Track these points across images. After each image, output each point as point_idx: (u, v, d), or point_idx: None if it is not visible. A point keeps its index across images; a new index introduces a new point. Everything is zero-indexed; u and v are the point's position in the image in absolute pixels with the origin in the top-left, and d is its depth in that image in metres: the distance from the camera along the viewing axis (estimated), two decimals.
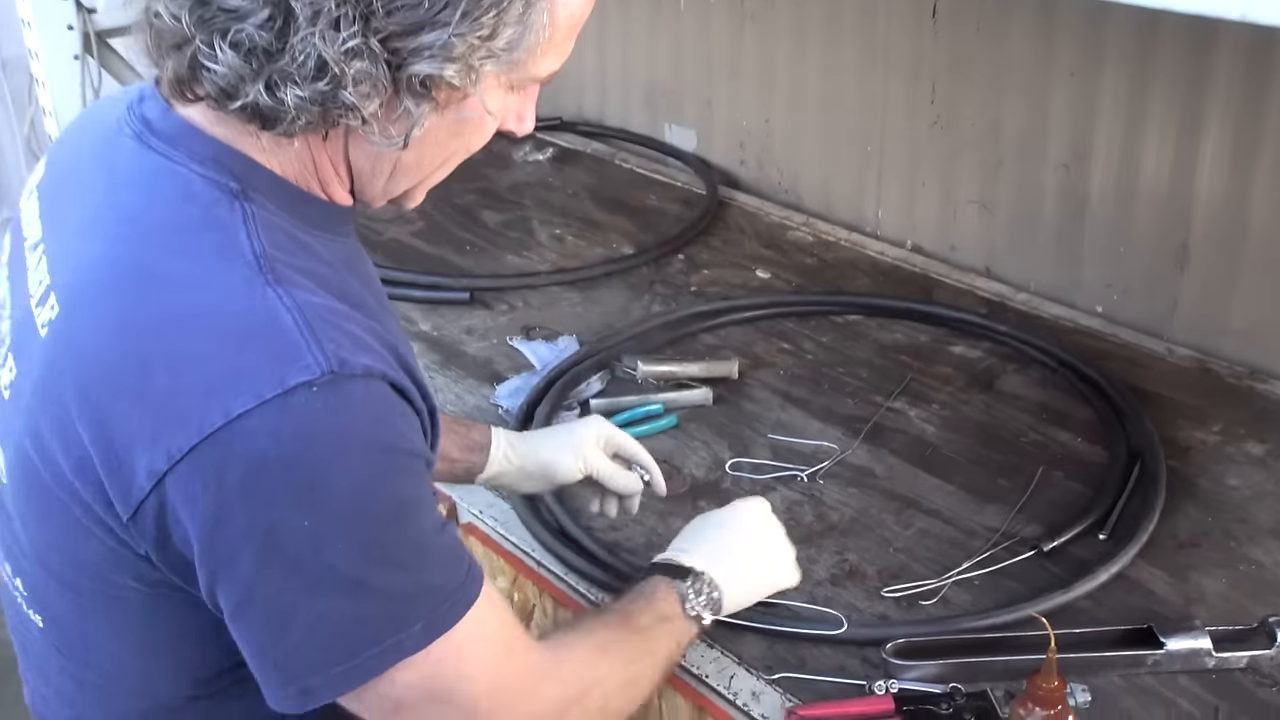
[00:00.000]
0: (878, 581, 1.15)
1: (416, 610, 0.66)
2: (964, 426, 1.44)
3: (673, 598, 0.89)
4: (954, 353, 1.60)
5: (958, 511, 1.26)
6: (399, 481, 0.63)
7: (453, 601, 0.68)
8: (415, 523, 0.65)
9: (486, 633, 0.70)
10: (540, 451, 1.05)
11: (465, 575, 0.69)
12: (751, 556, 0.96)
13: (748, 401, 1.50)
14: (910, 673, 0.99)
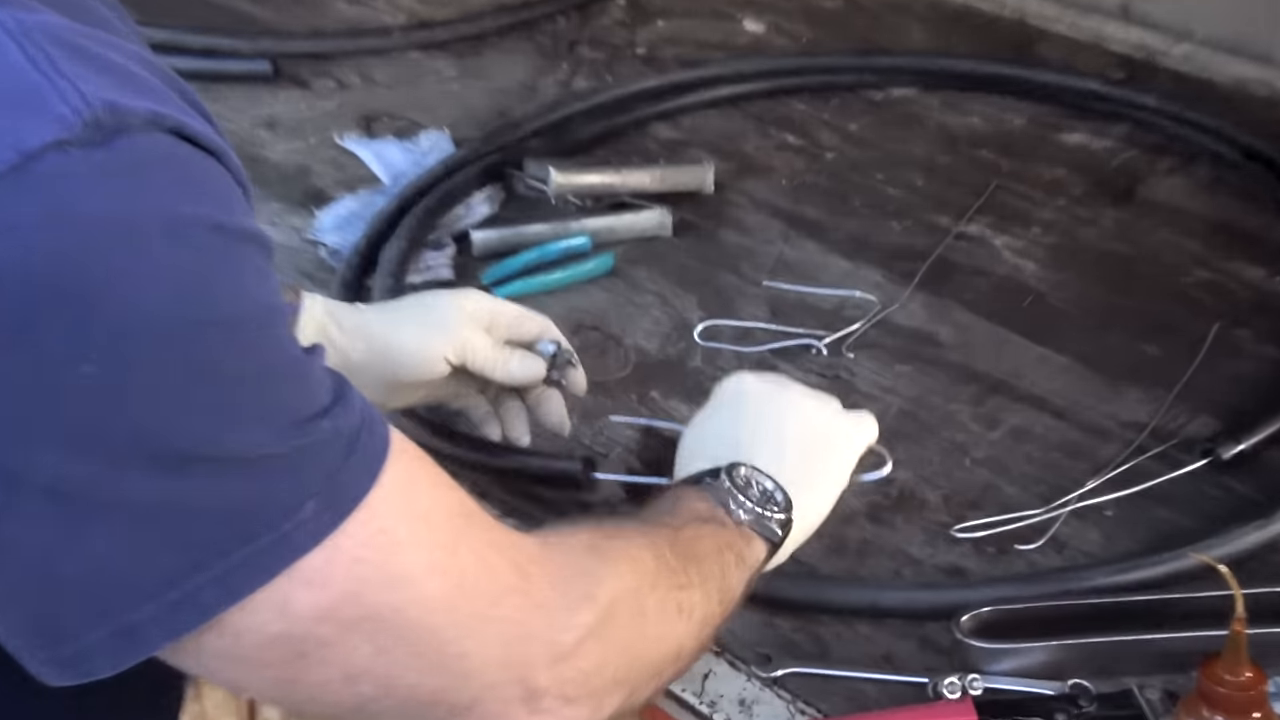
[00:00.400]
0: (944, 514, 1.14)
1: (299, 481, 0.65)
2: (1085, 262, 1.42)
3: (704, 500, 0.93)
4: (1069, 143, 1.59)
5: (1076, 398, 1.25)
6: (233, 281, 0.64)
7: (357, 457, 0.67)
8: (269, 343, 0.66)
9: (421, 502, 0.71)
10: (384, 335, 1.08)
11: (361, 416, 0.68)
12: (803, 441, 1.01)
13: (730, 230, 1.47)
14: (1002, 662, 0.98)
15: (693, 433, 1.02)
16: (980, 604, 1.01)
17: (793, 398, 1.02)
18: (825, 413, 1.03)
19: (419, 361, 1.07)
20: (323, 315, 1.08)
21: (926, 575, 1.08)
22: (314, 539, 0.65)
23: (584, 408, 1.21)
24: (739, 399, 1.02)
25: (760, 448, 0.97)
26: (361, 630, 0.68)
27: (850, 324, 1.31)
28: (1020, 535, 1.10)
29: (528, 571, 0.74)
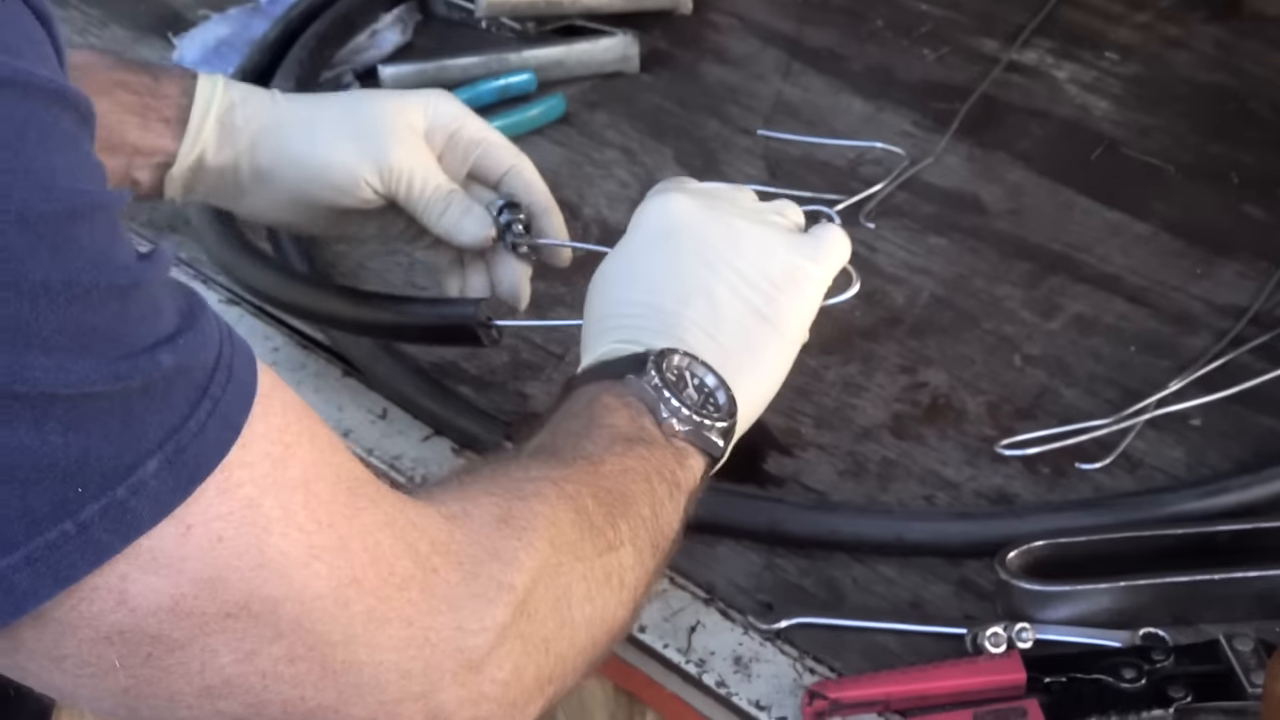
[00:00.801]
0: (988, 426, 1.17)
1: (133, 432, 0.64)
2: (1174, 98, 1.45)
3: (627, 408, 0.94)
4: None
5: (1157, 276, 1.29)
6: (26, 158, 0.62)
7: (210, 404, 0.67)
8: (82, 244, 0.64)
9: (298, 467, 0.70)
10: (297, 139, 1.10)
11: (219, 349, 0.68)
12: (749, 299, 1.00)
13: (714, 62, 1.50)
14: (1058, 608, 1.01)
15: (605, 285, 1.02)
16: (1031, 537, 1.04)
17: (737, 227, 1.01)
18: (778, 251, 1.02)
19: (335, 181, 1.08)
20: (222, 104, 1.08)
21: (965, 502, 1.12)
22: (158, 509, 0.64)
23: (534, 298, 1.23)
24: (664, 232, 1.01)
25: (693, 315, 0.98)
26: (224, 629, 0.67)
27: (870, 184, 1.35)
28: (1083, 452, 1.14)
29: (430, 560, 0.75)
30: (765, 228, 1.03)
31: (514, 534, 0.81)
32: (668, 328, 0.97)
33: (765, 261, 1.01)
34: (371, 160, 1.08)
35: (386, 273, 1.30)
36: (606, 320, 1.00)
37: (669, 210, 1.02)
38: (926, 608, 1.05)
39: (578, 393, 0.96)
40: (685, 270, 1.00)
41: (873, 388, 1.20)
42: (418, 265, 1.29)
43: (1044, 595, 1.01)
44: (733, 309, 0.99)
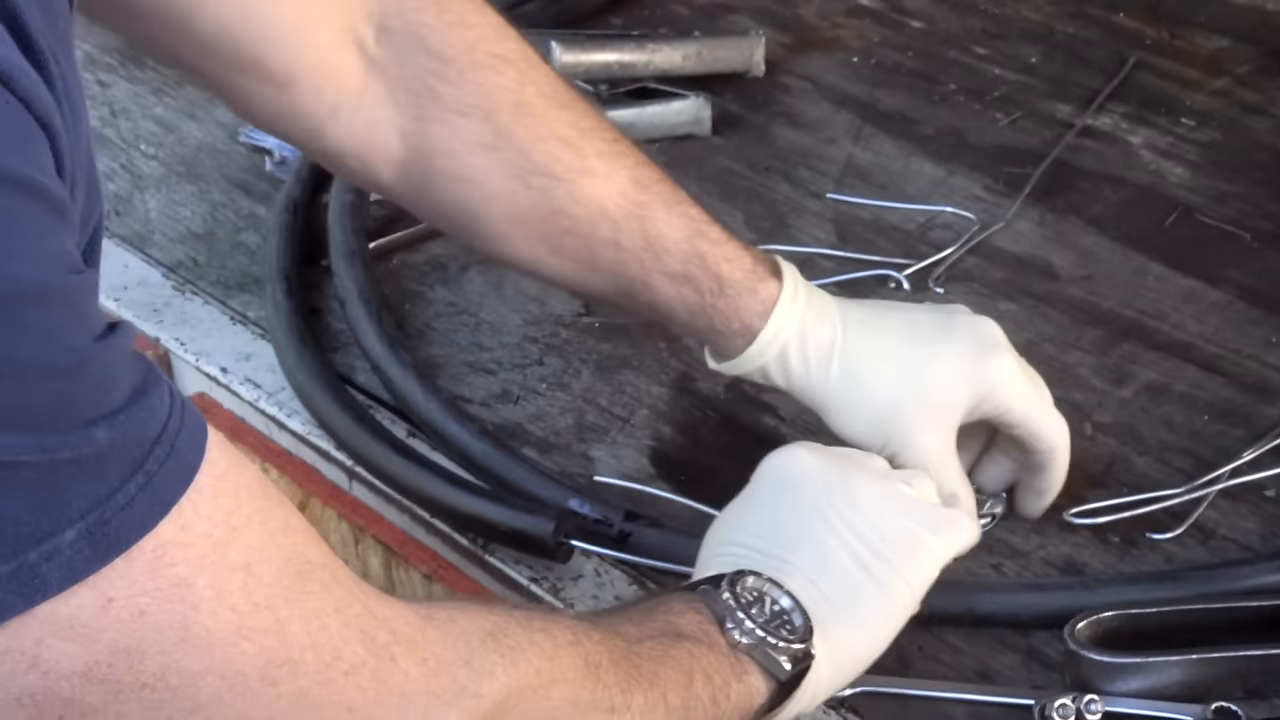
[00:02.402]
0: (1059, 494, 1.15)
1: (53, 501, 0.66)
2: (1248, 163, 1.45)
3: (694, 612, 0.93)
4: (1234, 1, 1.62)
5: (1232, 344, 1.28)
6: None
7: (141, 481, 0.68)
8: (37, 328, 0.65)
9: (241, 549, 0.71)
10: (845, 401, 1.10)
11: (163, 426, 0.69)
12: (859, 550, 0.99)
13: (785, 124, 1.51)
14: (1128, 680, 1.01)
15: (718, 527, 1.02)
16: (1101, 608, 1.03)
17: (859, 486, 1.01)
18: (898, 516, 1.01)
19: (852, 443, 1.08)
20: (786, 337, 1.09)
21: (1033, 571, 1.12)
22: (68, 576, 0.66)
23: (598, 359, 1.27)
24: (783, 484, 1.01)
25: (797, 560, 0.97)
26: (139, 699, 0.68)
27: (940, 249, 1.35)
28: (1154, 521, 1.14)
29: (389, 650, 0.75)
30: (889, 491, 1.02)
31: (498, 649, 0.81)
32: (769, 569, 0.97)
33: (883, 522, 1.00)
34: (893, 449, 1.08)
35: (453, 333, 1.30)
36: (709, 560, 0.99)
37: (790, 463, 1.02)
38: (994, 677, 1.05)
39: (648, 599, 0.96)
40: (799, 519, 1.00)
41: None
42: (483, 325, 1.29)
43: (1114, 667, 1.00)
44: (839, 561, 0.98)
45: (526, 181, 1.08)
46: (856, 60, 1.58)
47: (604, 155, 1.10)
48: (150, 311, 1.33)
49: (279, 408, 1.23)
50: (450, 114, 1.08)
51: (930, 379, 1.09)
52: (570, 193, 1.09)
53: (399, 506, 1.17)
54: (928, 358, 1.09)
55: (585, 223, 1.09)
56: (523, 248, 1.11)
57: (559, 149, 1.08)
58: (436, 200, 1.11)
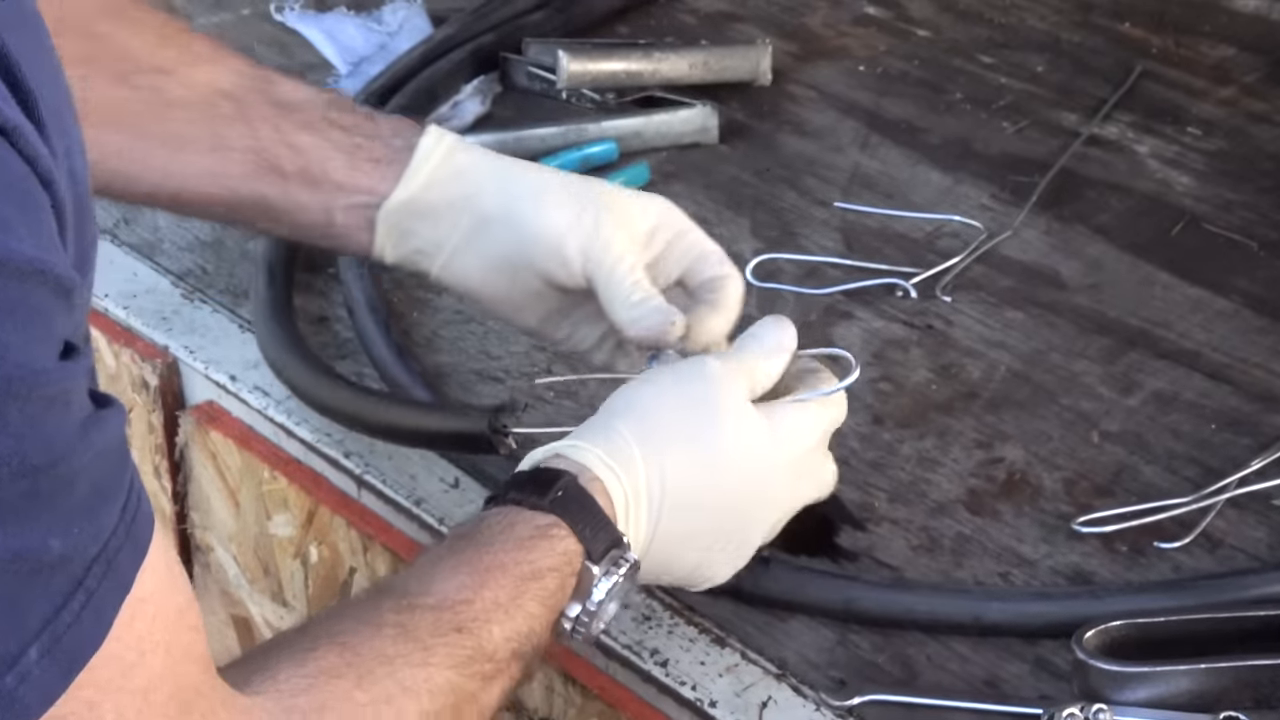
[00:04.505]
0: (1065, 503, 1.17)
1: (17, 618, 0.65)
2: (1254, 172, 1.45)
3: (551, 544, 0.94)
4: (1242, 11, 1.61)
5: (1239, 353, 1.29)
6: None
7: (87, 591, 0.67)
8: (17, 425, 0.64)
9: (146, 672, 0.72)
10: (529, 188, 1.08)
11: (108, 538, 0.69)
12: (722, 476, 1.00)
13: (792, 133, 1.51)
14: (1137, 689, 1.01)
15: (636, 385, 1.01)
16: (1110, 617, 1.03)
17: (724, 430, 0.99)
18: (763, 459, 1.00)
19: (548, 240, 1.05)
20: (446, 146, 1.07)
21: (1041, 580, 1.11)
22: (44, 699, 0.66)
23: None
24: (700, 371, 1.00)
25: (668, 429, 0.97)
26: None
27: (947, 257, 1.35)
28: (1162, 530, 1.13)
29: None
30: (749, 428, 1.00)
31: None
32: (633, 448, 0.97)
33: (750, 469, 1.00)
34: (585, 232, 1.05)
35: (461, 341, 1.30)
36: (613, 416, 0.99)
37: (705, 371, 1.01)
38: (1002, 686, 1.05)
39: (500, 516, 0.95)
40: (700, 408, 0.99)
41: (948, 462, 1.20)
42: (491, 334, 1.29)
43: (1122, 676, 1.00)
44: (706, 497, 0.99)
45: (130, 83, 1.04)
46: (863, 69, 1.58)
47: (209, 44, 1.07)
48: (159, 319, 1.33)
49: (288, 415, 1.23)
50: None
51: (613, 188, 1.09)
52: (182, 82, 1.05)
53: (408, 515, 1.18)
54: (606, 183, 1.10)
55: (204, 107, 1.05)
56: (144, 159, 1.06)
57: (157, 44, 1.05)
58: None
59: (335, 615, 0.91)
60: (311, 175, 1.06)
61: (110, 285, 1.36)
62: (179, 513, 1.33)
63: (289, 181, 1.06)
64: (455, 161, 1.07)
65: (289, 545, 1.26)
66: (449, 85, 1.50)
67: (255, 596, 1.31)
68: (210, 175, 1.06)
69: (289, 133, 1.06)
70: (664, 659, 1.06)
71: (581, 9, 1.60)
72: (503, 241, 1.07)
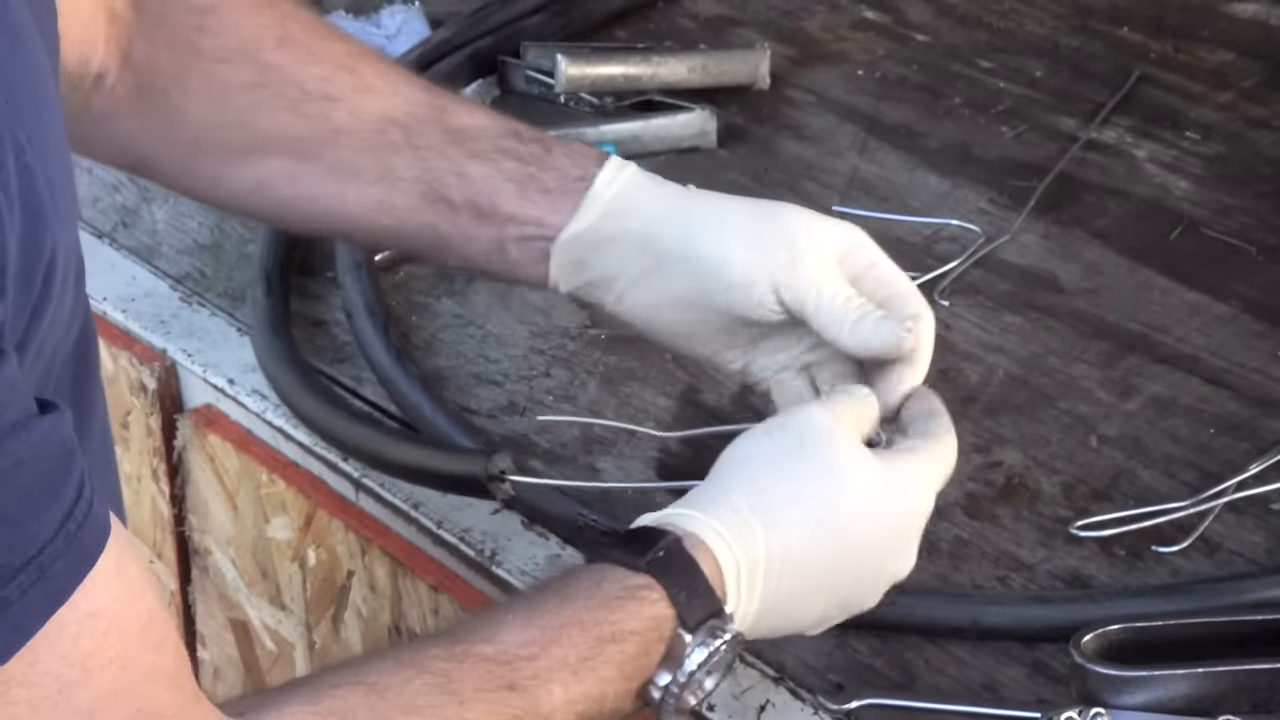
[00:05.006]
0: (1063, 507, 1.17)
1: None
2: (1253, 176, 1.45)
3: (640, 607, 0.90)
4: (1240, 15, 1.61)
5: (1238, 358, 1.28)
6: None
7: (4, 601, 0.66)
8: None
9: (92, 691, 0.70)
10: (708, 223, 1.03)
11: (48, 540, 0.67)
12: (847, 535, 0.95)
13: (790, 137, 1.51)
14: (1135, 693, 1.01)
15: (745, 443, 0.98)
16: (1107, 621, 1.03)
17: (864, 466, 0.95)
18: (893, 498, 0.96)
19: (734, 277, 1.01)
20: (624, 179, 1.03)
21: (1039, 584, 1.12)
22: None
23: (604, 371, 1.27)
24: (813, 434, 0.96)
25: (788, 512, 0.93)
26: None
27: (945, 262, 1.35)
28: (1160, 534, 1.13)
29: None
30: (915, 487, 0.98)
31: None
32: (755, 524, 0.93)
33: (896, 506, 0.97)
34: (778, 266, 1.00)
35: (459, 345, 1.30)
36: (726, 484, 0.96)
37: (833, 422, 0.97)
38: (1000, 690, 1.05)
39: (587, 571, 0.91)
40: (818, 479, 0.95)
41: None
42: (489, 338, 1.29)
43: (1120, 680, 1.00)
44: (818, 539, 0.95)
45: (299, 111, 1.03)
46: (861, 73, 1.58)
47: (384, 75, 1.05)
48: (158, 323, 1.33)
49: (286, 419, 1.23)
50: (210, 63, 1.03)
51: (800, 212, 1.04)
52: (351, 111, 1.03)
53: (406, 518, 1.18)
54: (792, 206, 1.05)
55: (372, 135, 1.03)
56: (310, 185, 1.05)
57: (331, 72, 1.03)
58: (208, 163, 1.05)
59: (377, 655, 0.88)
60: (480, 206, 1.03)
61: (109, 288, 1.36)
62: (177, 516, 1.33)
63: (458, 213, 1.03)
64: (632, 195, 1.03)
65: (287, 548, 1.26)
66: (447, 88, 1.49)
67: (253, 600, 1.31)
68: (379, 204, 1.04)
69: (459, 161, 1.03)
70: None
71: (580, 13, 1.60)
72: (682, 279, 1.02)
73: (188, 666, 0.76)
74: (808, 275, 0.99)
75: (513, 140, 1.04)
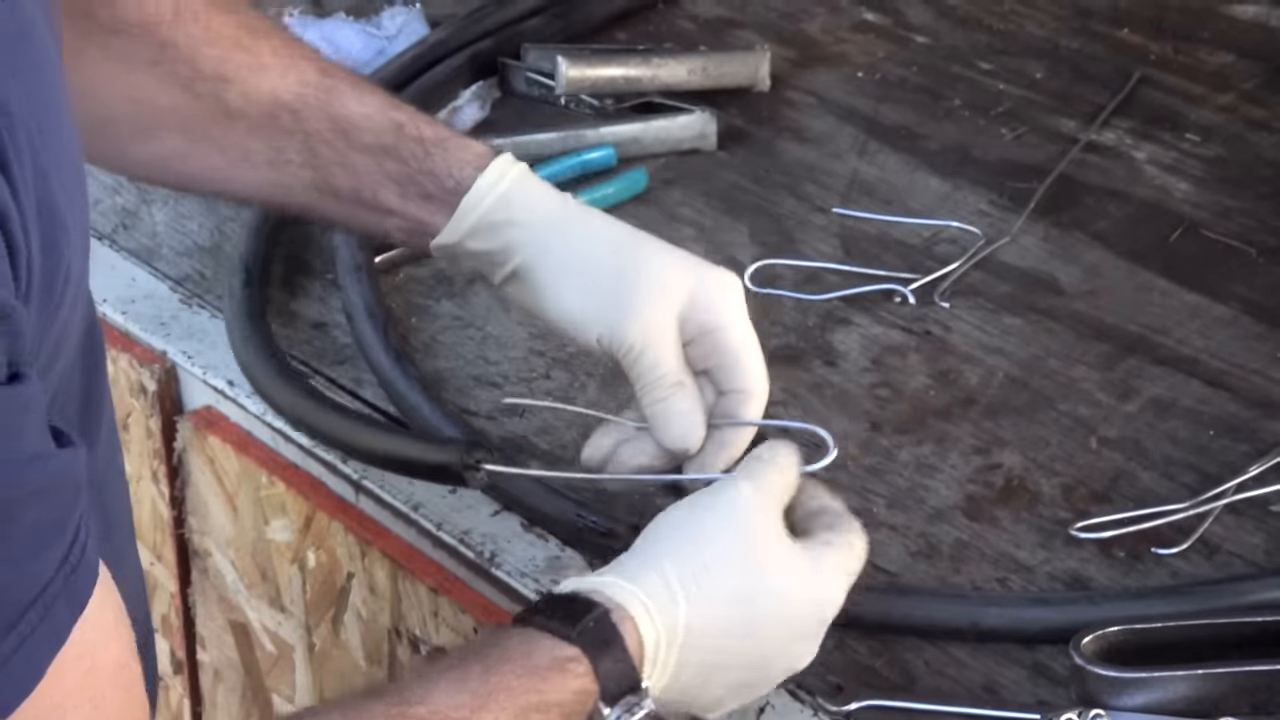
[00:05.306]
0: (1063, 509, 1.17)
1: None
2: (1253, 178, 1.45)
3: (565, 679, 0.90)
4: (1240, 18, 1.61)
5: (1238, 360, 1.29)
6: None
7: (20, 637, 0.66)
8: None
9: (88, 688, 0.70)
10: (553, 268, 1.04)
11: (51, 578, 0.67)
12: (761, 614, 0.95)
13: (791, 139, 1.51)
14: (1134, 695, 1.01)
15: (669, 518, 0.97)
16: (1107, 622, 1.03)
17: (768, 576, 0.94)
18: (797, 595, 0.95)
19: (564, 329, 1.04)
20: (498, 194, 1.04)
21: (1039, 585, 1.12)
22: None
23: (604, 373, 1.26)
24: (730, 509, 0.96)
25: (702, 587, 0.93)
26: None
27: (945, 263, 1.35)
28: (1160, 536, 1.13)
29: None
30: (789, 569, 0.97)
31: None
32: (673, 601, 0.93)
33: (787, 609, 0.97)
34: (609, 325, 1.01)
35: (459, 347, 1.30)
36: (648, 556, 0.95)
37: (754, 498, 0.97)
38: (1000, 692, 1.05)
39: (538, 639, 0.90)
40: (732, 553, 0.95)
41: (946, 468, 1.20)
42: (489, 339, 1.29)
43: (1120, 682, 1.00)
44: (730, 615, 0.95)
45: (193, 90, 1.04)
46: (861, 75, 1.58)
47: (280, 52, 1.06)
48: (158, 325, 1.33)
49: (285, 420, 1.23)
50: (107, 35, 1.03)
51: (658, 256, 1.03)
52: (243, 92, 1.04)
53: (405, 520, 1.18)
54: (658, 246, 1.05)
55: (263, 119, 1.05)
56: (204, 163, 1.07)
57: (227, 51, 1.04)
58: (111, 134, 1.06)
59: (328, 706, 0.89)
60: (364, 198, 1.06)
61: (108, 290, 1.36)
62: (177, 518, 1.33)
63: (343, 201, 1.06)
64: (501, 213, 1.04)
65: (287, 550, 1.26)
66: (448, 91, 1.50)
67: (253, 602, 1.31)
68: (271, 185, 1.07)
69: (344, 152, 1.05)
70: None
71: (580, 14, 1.60)
72: (532, 302, 1.05)
73: (148, 712, 0.77)
74: (630, 339, 1.00)
75: (394, 137, 1.06)
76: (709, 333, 1.02)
